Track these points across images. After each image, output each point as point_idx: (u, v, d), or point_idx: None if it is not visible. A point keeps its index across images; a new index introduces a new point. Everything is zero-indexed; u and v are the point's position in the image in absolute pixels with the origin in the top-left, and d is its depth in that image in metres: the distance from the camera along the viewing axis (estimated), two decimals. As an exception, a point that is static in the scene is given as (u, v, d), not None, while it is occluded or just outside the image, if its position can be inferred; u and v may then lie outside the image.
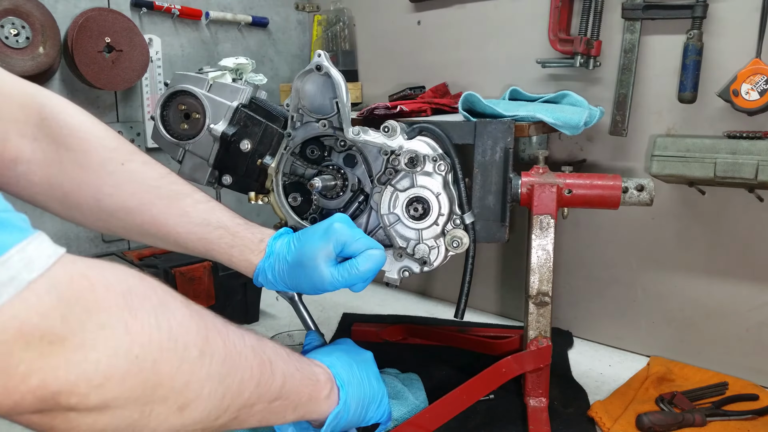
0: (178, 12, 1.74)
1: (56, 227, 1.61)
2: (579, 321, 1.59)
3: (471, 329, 1.53)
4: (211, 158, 1.19)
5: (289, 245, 0.96)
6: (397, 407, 1.15)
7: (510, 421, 1.17)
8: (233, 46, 1.92)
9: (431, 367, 1.39)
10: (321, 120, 1.12)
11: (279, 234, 1.00)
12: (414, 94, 1.70)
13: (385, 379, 1.26)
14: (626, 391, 1.28)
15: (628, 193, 1.14)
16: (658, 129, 1.39)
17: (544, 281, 1.16)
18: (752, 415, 1.16)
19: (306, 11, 2.11)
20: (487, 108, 1.21)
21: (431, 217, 1.10)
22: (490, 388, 1.14)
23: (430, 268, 1.12)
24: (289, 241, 0.97)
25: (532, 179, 1.15)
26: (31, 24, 1.43)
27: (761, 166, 1.17)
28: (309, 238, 0.95)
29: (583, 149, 1.53)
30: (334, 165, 1.17)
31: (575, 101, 1.38)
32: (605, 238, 1.52)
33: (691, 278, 1.40)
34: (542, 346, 1.16)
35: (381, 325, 1.61)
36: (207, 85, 1.19)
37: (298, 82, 1.11)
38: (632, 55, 1.38)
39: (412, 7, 1.82)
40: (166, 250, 1.70)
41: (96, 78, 1.55)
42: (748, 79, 1.20)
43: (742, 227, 1.32)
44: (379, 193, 1.12)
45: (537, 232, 1.15)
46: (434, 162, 1.10)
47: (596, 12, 1.42)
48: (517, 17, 1.60)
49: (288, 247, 0.96)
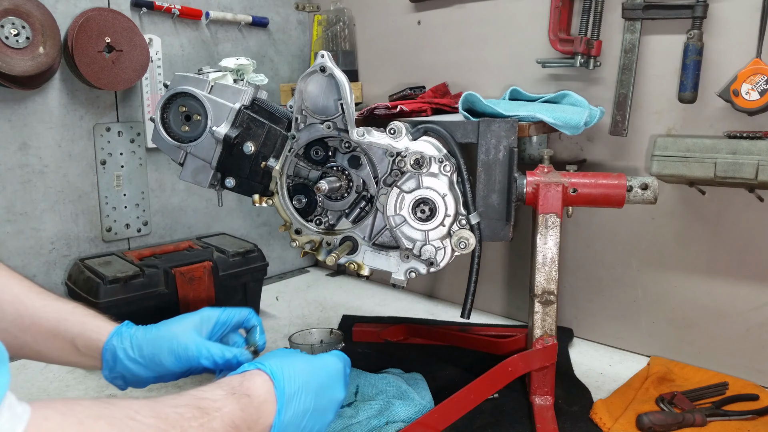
0: (178, 12, 1.74)
1: (56, 227, 1.60)
2: (579, 320, 1.60)
3: (472, 329, 1.54)
4: (213, 161, 1.19)
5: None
6: (404, 408, 1.15)
7: (516, 419, 1.18)
8: (233, 46, 1.92)
9: (434, 366, 1.40)
10: (325, 121, 1.12)
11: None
12: (414, 94, 1.70)
13: (389, 379, 1.27)
14: (626, 390, 1.29)
15: (633, 192, 1.15)
16: (659, 129, 1.40)
17: (550, 280, 1.17)
18: (752, 415, 1.17)
19: (306, 11, 2.11)
20: (488, 108, 1.21)
21: (438, 218, 1.10)
22: (497, 387, 1.15)
23: (436, 268, 1.12)
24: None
25: (537, 178, 1.16)
26: (31, 24, 1.42)
27: (761, 166, 1.18)
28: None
29: (584, 149, 1.53)
30: (339, 166, 1.17)
31: (575, 101, 1.39)
32: (606, 238, 1.52)
33: (691, 278, 1.41)
34: (548, 344, 1.16)
35: (382, 325, 1.61)
36: (208, 86, 1.18)
37: (301, 83, 1.11)
38: (632, 55, 1.39)
39: (412, 7, 1.82)
40: (166, 250, 1.71)
41: (96, 78, 1.55)
42: (748, 79, 1.21)
43: (742, 227, 1.33)
44: (385, 194, 1.12)
45: (542, 231, 1.16)
46: (440, 163, 1.10)
47: (596, 12, 1.43)
48: (517, 17, 1.60)
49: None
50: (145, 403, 0.62)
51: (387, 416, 1.14)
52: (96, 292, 1.43)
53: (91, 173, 1.66)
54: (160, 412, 0.62)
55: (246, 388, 0.72)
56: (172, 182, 1.83)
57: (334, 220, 1.20)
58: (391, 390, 1.23)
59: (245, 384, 0.73)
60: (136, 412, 0.59)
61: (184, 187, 1.86)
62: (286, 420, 0.74)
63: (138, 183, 1.75)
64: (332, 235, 1.18)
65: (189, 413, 0.64)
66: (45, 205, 1.59)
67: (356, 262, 1.17)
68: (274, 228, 2.12)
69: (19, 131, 1.52)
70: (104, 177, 1.69)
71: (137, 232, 1.77)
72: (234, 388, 0.71)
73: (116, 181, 1.71)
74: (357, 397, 1.24)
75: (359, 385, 1.27)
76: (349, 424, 1.13)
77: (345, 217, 1.19)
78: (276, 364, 0.76)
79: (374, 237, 1.16)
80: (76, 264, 1.60)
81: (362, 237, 1.16)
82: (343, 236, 1.17)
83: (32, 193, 1.56)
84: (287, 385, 0.75)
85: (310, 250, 1.20)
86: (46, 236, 1.60)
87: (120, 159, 1.71)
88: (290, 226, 1.20)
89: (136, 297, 1.47)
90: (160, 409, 0.62)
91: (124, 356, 0.87)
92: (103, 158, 1.68)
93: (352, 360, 1.38)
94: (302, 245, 1.20)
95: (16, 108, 1.51)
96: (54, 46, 1.47)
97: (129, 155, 1.72)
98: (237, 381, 0.73)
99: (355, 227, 1.17)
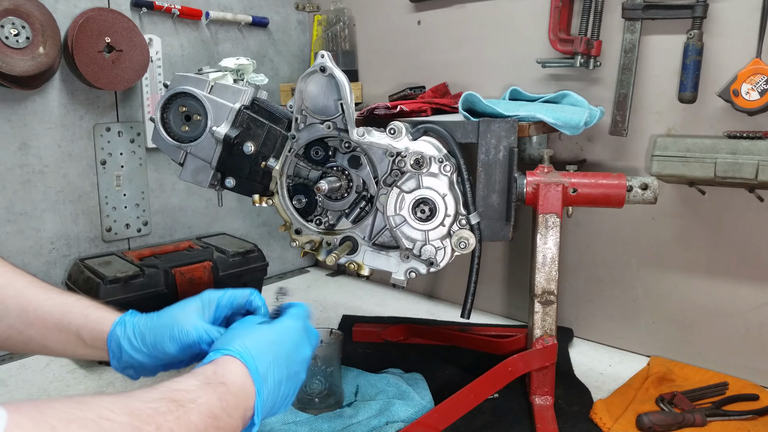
0: (178, 12, 1.74)
1: (56, 227, 1.60)
2: (579, 320, 1.60)
3: (473, 329, 1.54)
4: (213, 161, 1.19)
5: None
6: (404, 408, 1.15)
7: (516, 419, 1.18)
8: (233, 46, 1.92)
9: (434, 366, 1.40)
10: (325, 121, 1.12)
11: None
12: (414, 94, 1.70)
13: (389, 379, 1.27)
14: (626, 390, 1.29)
15: (633, 192, 1.15)
16: (658, 129, 1.40)
17: (550, 280, 1.17)
18: (752, 415, 1.16)
19: (306, 11, 2.11)
20: (488, 108, 1.21)
21: (438, 218, 1.11)
22: (497, 387, 1.15)
23: (436, 268, 1.12)
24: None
25: (537, 178, 1.16)
26: (31, 24, 1.42)
27: (761, 166, 1.18)
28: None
29: (584, 149, 1.53)
30: (339, 166, 1.17)
31: (575, 101, 1.39)
32: (606, 238, 1.52)
33: (691, 278, 1.41)
34: (548, 344, 1.16)
35: (382, 325, 1.61)
36: (208, 86, 1.18)
37: (301, 83, 1.11)
38: (632, 55, 1.39)
39: (412, 7, 1.82)
40: (166, 250, 1.71)
41: (96, 78, 1.55)
42: (748, 79, 1.21)
43: (742, 227, 1.33)
44: (385, 194, 1.12)
45: (542, 231, 1.16)
46: (440, 163, 1.10)
47: (596, 12, 1.43)
48: (517, 17, 1.60)
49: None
50: (118, 399, 0.61)
51: (387, 416, 1.14)
52: (96, 292, 1.43)
53: (91, 173, 1.66)
54: (134, 409, 0.61)
55: (221, 376, 0.71)
56: (172, 182, 1.84)
57: (334, 220, 1.20)
58: (391, 390, 1.23)
59: (219, 372, 0.71)
60: (110, 411, 0.58)
61: (184, 187, 1.86)
62: (265, 397, 0.74)
63: (138, 183, 1.75)
64: (332, 235, 1.18)
65: (164, 407, 0.63)
66: (45, 205, 1.59)
67: (356, 262, 1.17)
68: (274, 228, 2.11)
69: (19, 131, 1.52)
70: (104, 177, 1.69)
71: (137, 232, 1.77)
72: (208, 377, 0.70)
73: (116, 181, 1.71)
74: (357, 397, 1.24)
75: (359, 385, 1.27)
76: (349, 424, 1.13)
77: (345, 217, 1.19)
78: (242, 346, 0.75)
79: (374, 237, 1.16)
80: (76, 264, 1.60)
81: (362, 237, 1.16)
82: (343, 236, 1.17)
83: (32, 193, 1.56)
84: (259, 364, 0.74)
85: (310, 250, 1.20)
86: (46, 236, 1.60)
87: (120, 159, 1.71)
88: (290, 226, 1.20)
89: (136, 297, 1.47)
90: (133, 405, 0.61)
91: (128, 347, 0.87)
92: (103, 158, 1.68)
93: (352, 360, 1.40)
94: (302, 245, 1.20)
95: (16, 108, 1.51)
96: (54, 46, 1.47)
97: (129, 155, 1.72)
98: (210, 370, 0.72)
99: (355, 227, 1.17)
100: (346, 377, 1.29)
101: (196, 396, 0.67)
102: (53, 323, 0.87)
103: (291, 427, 1.13)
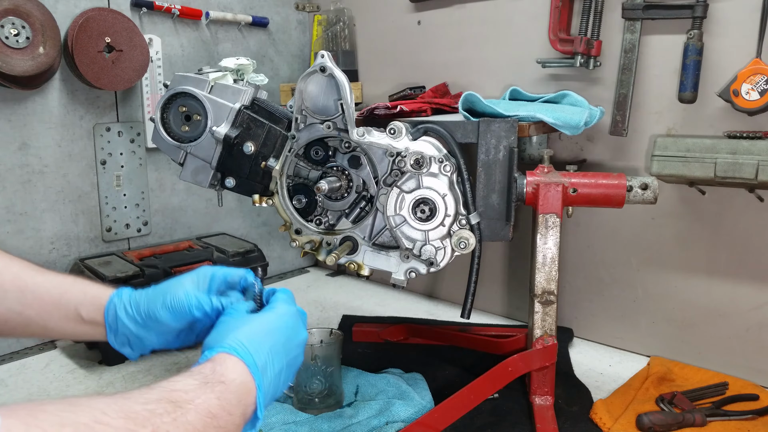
0: (178, 12, 1.74)
1: (56, 227, 1.60)
2: (579, 320, 1.60)
3: (473, 329, 1.54)
4: (213, 161, 1.19)
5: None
6: (404, 408, 1.15)
7: (516, 419, 1.18)
8: (233, 46, 1.92)
9: (434, 366, 1.40)
10: (325, 121, 1.12)
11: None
12: (414, 94, 1.70)
13: (389, 379, 1.27)
14: (626, 390, 1.29)
15: (633, 192, 1.15)
16: (658, 129, 1.40)
17: (550, 280, 1.17)
18: (752, 415, 1.17)
19: (306, 11, 2.11)
20: (488, 108, 1.21)
21: (438, 218, 1.11)
22: (497, 387, 1.15)
23: (436, 268, 1.12)
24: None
25: (537, 178, 1.16)
26: (31, 24, 1.42)
27: (761, 166, 1.18)
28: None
29: (583, 149, 1.53)
30: (339, 166, 1.17)
31: (575, 101, 1.39)
32: (606, 238, 1.52)
33: (691, 278, 1.41)
34: (548, 344, 1.16)
35: (382, 325, 1.61)
36: (208, 86, 1.18)
37: (301, 83, 1.11)
38: (632, 55, 1.39)
39: (412, 7, 1.83)
40: (166, 250, 1.71)
41: (96, 78, 1.55)
42: (748, 79, 1.21)
43: (742, 227, 1.33)
44: (385, 194, 1.12)
45: (542, 231, 1.16)
46: (440, 163, 1.10)
47: (596, 12, 1.43)
48: (517, 17, 1.61)
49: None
50: (114, 401, 0.60)
51: (387, 416, 1.14)
52: (96, 292, 1.43)
53: (91, 173, 1.66)
54: (130, 411, 0.60)
55: (219, 375, 0.70)
56: (172, 182, 1.84)
57: (334, 220, 1.20)
58: (391, 390, 1.23)
59: (218, 370, 0.71)
60: (104, 414, 0.58)
61: (184, 187, 1.86)
62: (266, 389, 0.74)
63: (138, 183, 1.75)
64: (332, 235, 1.18)
65: (160, 408, 0.62)
66: (45, 205, 1.59)
67: (356, 262, 1.17)
68: (274, 228, 2.12)
69: (19, 131, 1.52)
70: (104, 177, 1.69)
71: (137, 232, 1.77)
72: (206, 376, 0.70)
73: (116, 181, 1.71)
74: (357, 397, 1.25)
75: (359, 385, 1.27)
76: (349, 424, 1.13)
77: (345, 217, 1.19)
78: (238, 342, 0.75)
79: (374, 237, 1.16)
80: (76, 264, 1.60)
81: (362, 237, 1.16)
82: (343, 236, 1.17)
83: (32, 193, 1.56)
84: (257, 358, 0.74)
85: (310, 250, 1.20)
86: (46, 236, 1.60)
87: (120, 159, 1.71)
88: (290, 226, 1.20)
89: (136, 297, 1.47)
90: (129, 407, 0.61)
91: (123, 314, 0.87)
92: (103, 158, 1.68)
93: (352, 360, 1.40)
94: (302, 245, 1.20)
95: (16, 108, 1.51)
96: (54, 46, 1.47)
97: (129, 155, 1.72)
98: (208, 369, 0.71)
99: (355, 227, 1.17)
100: (346, 377, 1.29)
101: (193, 396, 0.66)
102: (51, 302, 0.88)
103: (291, 427, 1.13)
